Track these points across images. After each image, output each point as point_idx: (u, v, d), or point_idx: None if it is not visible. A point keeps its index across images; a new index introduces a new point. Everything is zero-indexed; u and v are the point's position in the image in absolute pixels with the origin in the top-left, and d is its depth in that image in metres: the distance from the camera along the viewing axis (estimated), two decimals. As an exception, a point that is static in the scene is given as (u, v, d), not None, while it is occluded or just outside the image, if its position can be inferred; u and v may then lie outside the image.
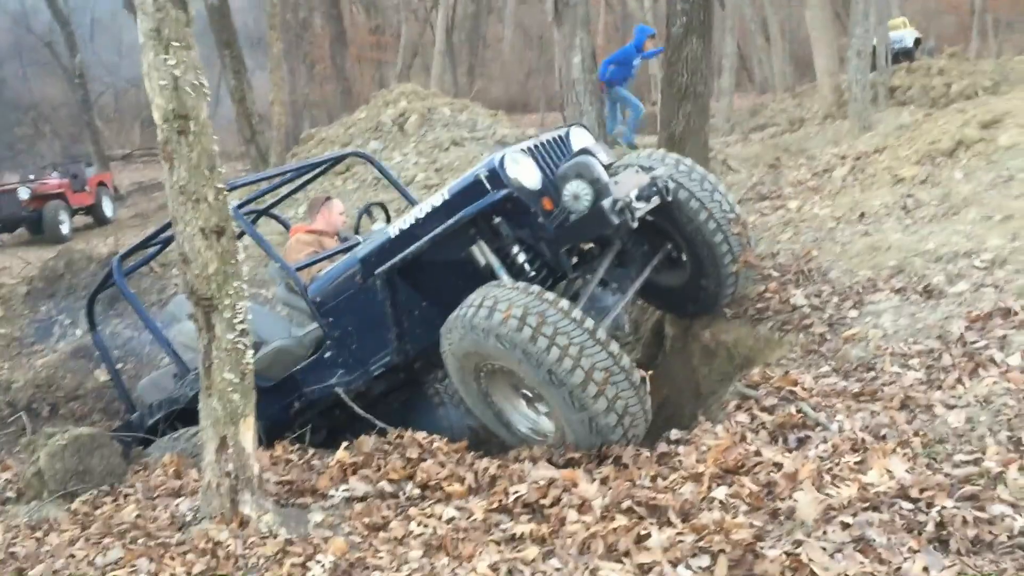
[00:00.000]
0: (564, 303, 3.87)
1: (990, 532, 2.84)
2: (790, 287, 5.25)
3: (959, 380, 3.86)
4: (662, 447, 3.91)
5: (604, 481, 3.53)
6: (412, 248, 4.63)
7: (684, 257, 5.19)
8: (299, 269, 5.27)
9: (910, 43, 26.78)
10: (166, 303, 7.51)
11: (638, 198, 4.48)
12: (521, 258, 4.61)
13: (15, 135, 31.41)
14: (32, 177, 18.93)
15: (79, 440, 4.27)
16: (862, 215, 5.71)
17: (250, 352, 3.57)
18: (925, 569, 2.68)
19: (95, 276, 8.05)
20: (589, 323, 3.83)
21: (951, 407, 3.65)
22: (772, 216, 6.39)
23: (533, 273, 4.61)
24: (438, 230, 4.56)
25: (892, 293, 4.77)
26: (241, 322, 3.52)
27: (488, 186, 4.48)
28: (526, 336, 3.75)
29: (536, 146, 4.77)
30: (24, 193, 17.47)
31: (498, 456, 4.05)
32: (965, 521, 2.89)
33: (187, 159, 3.34)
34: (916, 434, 3.50)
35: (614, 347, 3.81)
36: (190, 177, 3.36)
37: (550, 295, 3.94)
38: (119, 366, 6.81)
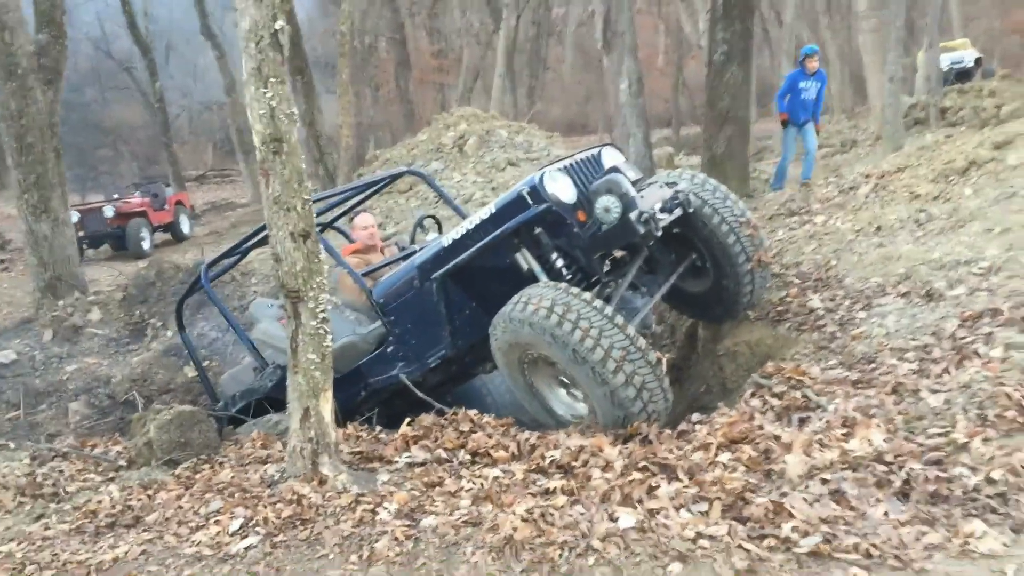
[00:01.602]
0: (587, 295, 4.47)
1: (948, 488, 3.38)
2: (809, 292, 5.79)
3: (946, 370, 4.37)
4: (682, 426, 4.49)
5: (627, 449, 4.12)
6: (463, 256, 5.29)
7: (707, 265, 5.70)
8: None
9: (970, 63, 26.68)
10: (246, 307, 8.27)
11: (662, 210, 5.05)
12: (559, 263, 5.13)
13: (96, 157, 33.00)
14: (116, 196, 20.11)
15: (182, 415, 5.00)
16: (879, 228, 6.22)
17: (329, 336, 4.25)
18: (886, 513, 3.23)
19: (183, 283, 8.89)
20: (608, 310, 4.41)
21: (934, 391, 4.17)
22: (799, 230, 6.93)
23: (569, 276, 5.13)
24: (486, 239, 5.18)
25: (898, 297, 5.29)
26: (322, 311, 4.21)
27: (530, 201, 5.04)
28: (553, 322, 4.36)
29: (572, 165, 5.29)
30: (109, 211, 18.63)
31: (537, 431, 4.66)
32: (927, 479, 3.43)
33: (280, 175, 4.04)
34: (900, 413, 4.03)
35: (631, 330, 4.40)
36: (283, 190, 4.06)
37: (575, 290, 4.53)
38: (204, 363, 7.57)
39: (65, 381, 7.88)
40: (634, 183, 5.13)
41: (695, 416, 4.64)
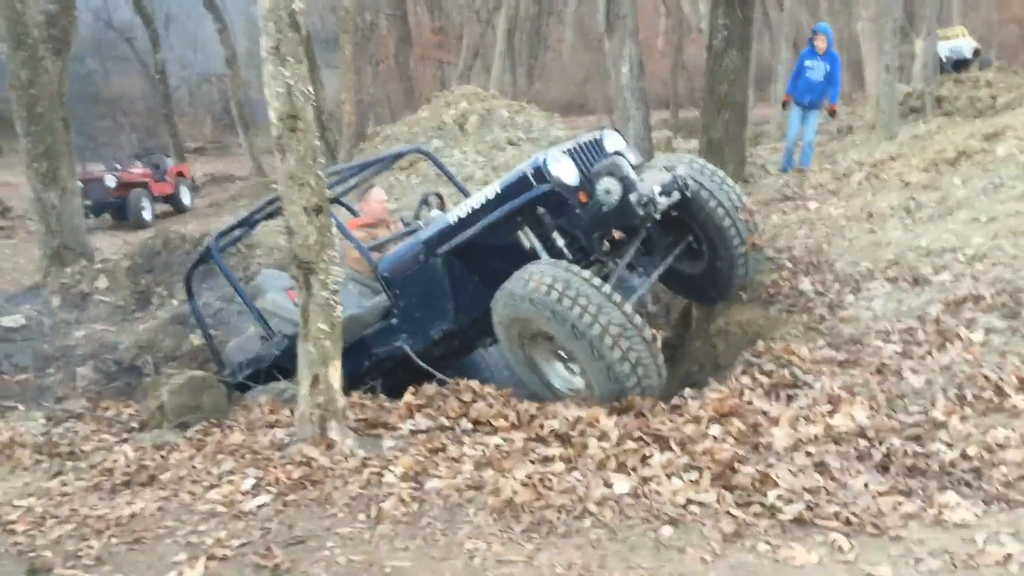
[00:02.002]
0: (586, 273, 4.67)
1: (925, 462, 3.59)
2: (800, 275, 5.99)
3: (928, 352, 4.58)
4: (675, 401, 4.68)
5: (622, 421, 4.32)
6: (468, 233, 5.46)
7: (703, 247, 5.87)
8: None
9: (968, 53, 26.73)
10: (252, 278, 8.44)
11: (661, 193, 5.20)
12: (560, 242, 5.28)
13: (96, 127, 33.01)
14: (118, 167, 20.21)
15: (193, 380, 5.19)
16: (870, 215, 6.40)
17: (339, 307, 4.43)
18: (866, 484, 3.43)
19: (188, 253, 9.05)
20: (606, 288, 4.61)
21: (916, 372, 4.39)
22: (793, 215, 7.11)
23: (570, 256, 5.26)
24: (490, 218, 5.34)
25: (886, 281, 5.49)
26: (333, 283, 4.38)
27: (534, 182, 5.20)
28: (553, 298, 4.55)
29: (575, 147, 5.43)
30: (111, 181, 18.75)
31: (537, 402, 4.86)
32: (906, 453, 3.64)
33: (296, 151, 4.21)
34: (882, 391, 4.24)
35: (627, 308, 4.60)
36: (297, 166, 4.22)
37: (575, 268, 4.73)
38: (212, 331, 7.75)
39: (73, 346, 8.04)
40: (635, 167, 5.28)
41: (687, 391, 4.84)
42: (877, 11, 17.05)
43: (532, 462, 3.95)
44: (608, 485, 3.59)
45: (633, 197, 5.00)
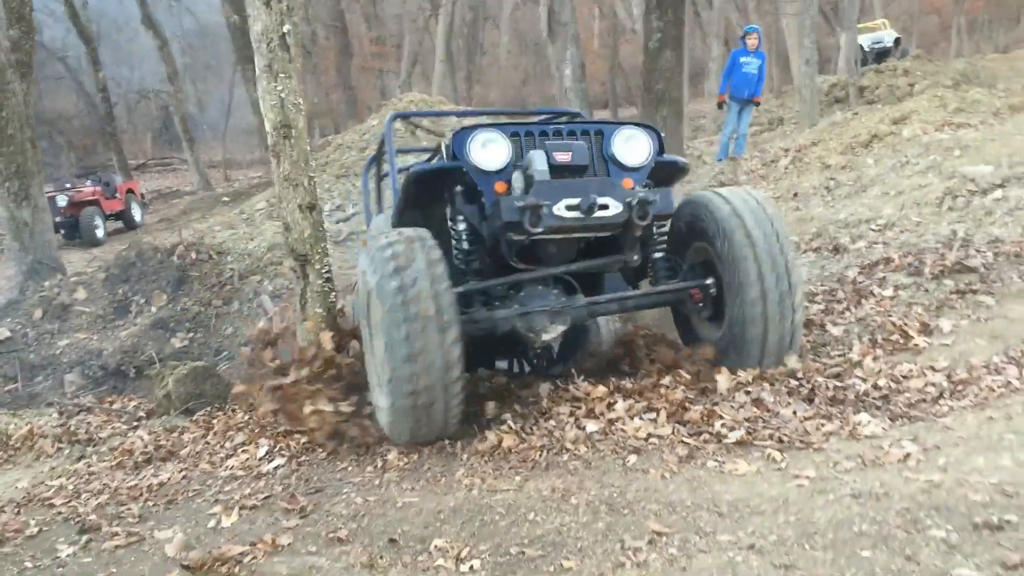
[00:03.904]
0: (433, 248, 4.11)
1: (843, 394, 4.27)
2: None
3: (847, 308, 5.29)
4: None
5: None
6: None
7: (724, 300, 4.68)
8: None
9: (890, 43, 27.87)
10: (224, 284, 8.93)
11: (569, 208, 4.25)
12: (463, 233, 4.60)
13: (34, 147, 32.68)
14: (68, 185, 20.33)
15: (196, 370, 5.71)
16: (795, 195, 7.14)
17: (335, 293, 4.99)
18: (794, 412, 4.10)
19: (163, 263, 9.50)
20: (438, 270, 4.02)
21: (836, 324, 5.09)
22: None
23: (468, 249, 4.60)
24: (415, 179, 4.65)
25: (811, 252, 6.21)
26: (327, 272, 4.95)
27: (445, 154, 4.60)
28: (388, 267, 4.01)
29: (543, 131, 4.63)
30: (62, 200, 18.89)
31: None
32: (827, 388, 4.32)
33: (289, 156, 4.78)
34: (808, 342, 4.93)
35: (449, 301, 4.00)
36: (291, 168, 4.79)
37: (427, 239, 4.15)
38: (189, 335, 8.22)
39: (58, 355, 8.46)
40: (582, 169, 4.52)
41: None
42: (798, 7, 18.01)
43: (512, 416, 4.56)
44: (581, 428, 4.22)
45: (505, 202, 4.21)
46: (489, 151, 4.46)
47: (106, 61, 39.18)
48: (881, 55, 25.84)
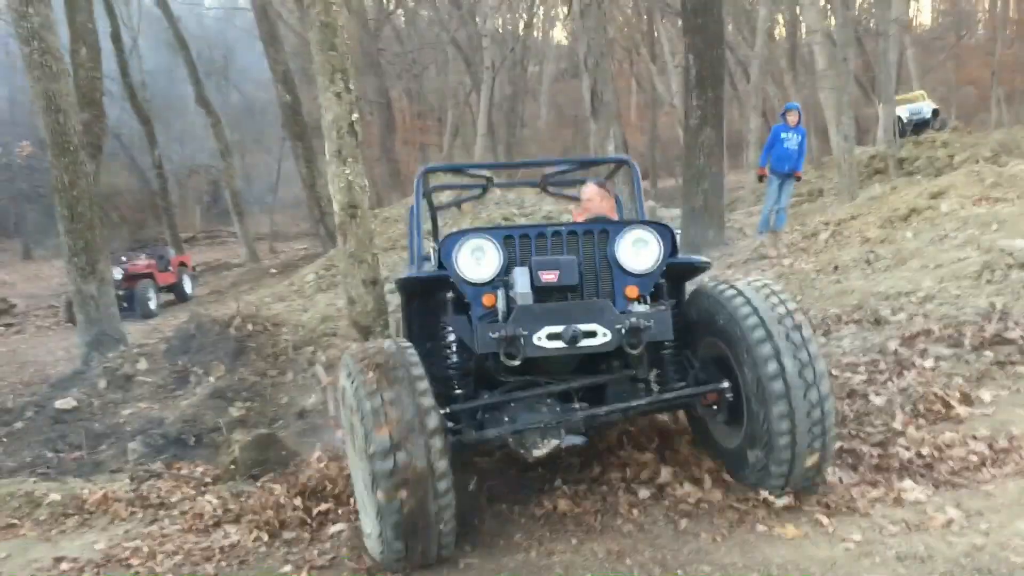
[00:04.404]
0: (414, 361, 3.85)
1: (887, 462, 4.43)
2: (779, 323, 6.88)
3: (889, 378, 5.45)
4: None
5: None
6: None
7: (742, 408, 4.20)
8: None
9: (928, 114, 28.13)
10: (279, 355, 9.26)
11: (551, 337, 3.89)
12: (451, 348, 4.35)
13: (91, 221, 33.76)
14: (124, 259, 21.02)
15: (260, 438, 5.97)
16: (836, 267, 7.34)
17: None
18: (840, 479, 4.26)
19: (219, 335, 9.87)
20: (421, 386, 3.74)
21: (879, 394, 5.25)
22: (770, 271, 8.05)
23: (457, 360, 4.34)
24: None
25: (852, 323, 6.38)
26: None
27: (432, 260, 4.37)
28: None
29: (541, 234, 4.33)
30: (118, 274, 19.49)
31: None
32: (872, 455, 4.48)
33: (355, 234, 5.10)
34: (852, 412, 5.09)
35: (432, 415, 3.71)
36: (357, 246, 5.11)
37: (409, 350, 3.90)
38: (244, 406, 8.51)
39: (122, 424, 8.78)
40: (572, 288, 4.18)
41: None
42: (837, 79, 18.35)
43: (565, 482, 4.75)
44: (633, 493, 4.40)
45: (482, 332, 3.90)
46: (477, 260, 4.15)
47: (158, 138, 40.81)
48: (919, 126, 26.08)
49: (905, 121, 25.76)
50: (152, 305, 19.92)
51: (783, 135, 11.67)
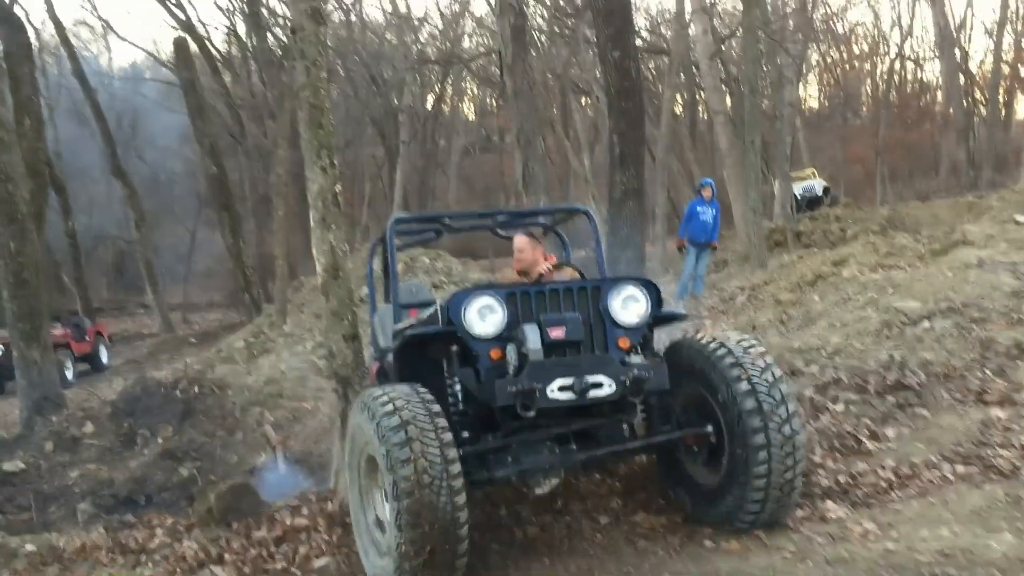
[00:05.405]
0: (434, 406, 4.13)
1: (811, 488, 5.11)
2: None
3: (807, 420, 6.17)
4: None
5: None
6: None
7: (723, 451, 4.58)
8: None
9: (820, 191, 29.82)
10: (227, 417, 9.55)
11: (562, 388, 4.26)
12: (457, 396, 4.56)
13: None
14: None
15: (235, 487, 6.35)
16: (754, 327, 8.14)
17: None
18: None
19: (165, 398, 10.12)
20: (444, 429, 4.03)
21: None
22: (691, 334, 8.81)
23: (463, 408, 4.56)
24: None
25: (771, 375, 7.14)
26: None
27: (440, 317, 4.54)
28: (389, 421, 4.01)
29: (539, 292, 4.59)
30: (34, 342, 19.30)
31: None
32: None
33: (337, 294, 5.62)
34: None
35: (452, 458, 4.00)
36: (339, 304, 5.63)
37: (426, 396, 4.17)
38: (194, 466, 8.79)
39: (70, 485, 8.92)
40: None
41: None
42: (738, 157, 19.69)
43: (534, 514, 5.29)
44: (595, 520, 4.98)
45: (501, 387, 4.20)
46: (484, 317, 4.40)
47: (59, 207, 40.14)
48: (812, 202, 27.66)
49: (799, 198, 27.37)
50: (69, 375, 19.63)
51: (699, 208, 12.82)
